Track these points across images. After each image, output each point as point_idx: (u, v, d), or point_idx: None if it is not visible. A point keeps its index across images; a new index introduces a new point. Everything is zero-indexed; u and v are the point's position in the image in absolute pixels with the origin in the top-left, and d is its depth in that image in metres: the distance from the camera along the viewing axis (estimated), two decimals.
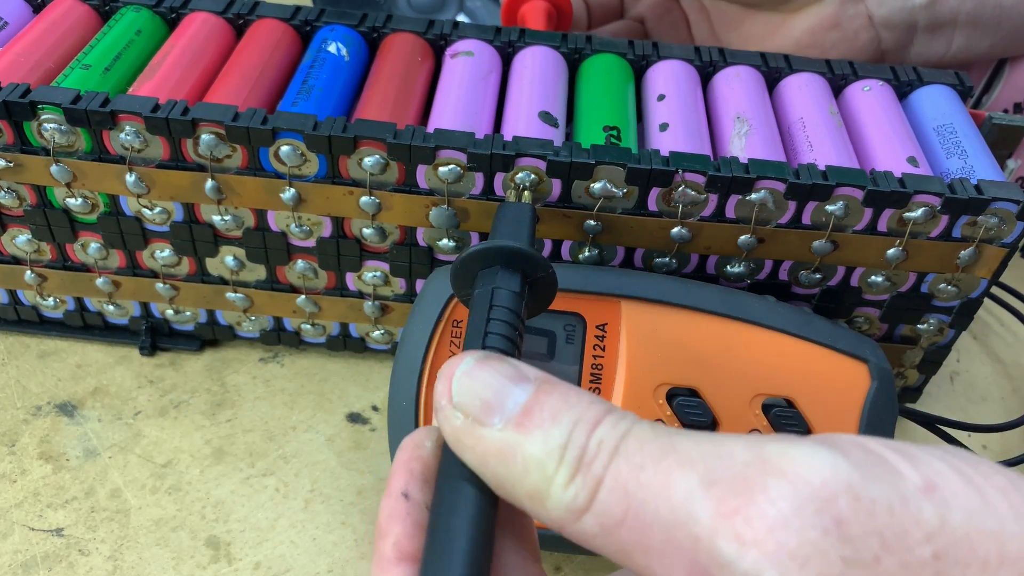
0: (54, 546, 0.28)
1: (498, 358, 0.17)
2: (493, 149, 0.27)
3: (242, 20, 0.33)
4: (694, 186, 0.27)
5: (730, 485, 0.14)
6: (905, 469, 0.15)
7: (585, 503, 0.15)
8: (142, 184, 0.29)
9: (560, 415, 0.16)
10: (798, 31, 0.37)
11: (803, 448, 0.15)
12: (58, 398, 0.32)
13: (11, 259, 0.32)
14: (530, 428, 0.16)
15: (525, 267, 0.21)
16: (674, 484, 0.15)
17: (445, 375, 0.17)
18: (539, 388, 0.17)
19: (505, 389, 0.17)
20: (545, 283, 0.22)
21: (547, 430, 0.16)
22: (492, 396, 0.17)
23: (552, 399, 0.16)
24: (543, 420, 0.16)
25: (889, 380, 0.27)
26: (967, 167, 0.29)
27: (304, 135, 0.27)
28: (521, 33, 0.33)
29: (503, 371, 0.17)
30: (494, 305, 0.20)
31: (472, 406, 0.17)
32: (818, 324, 0.27)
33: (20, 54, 0.30)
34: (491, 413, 0.16)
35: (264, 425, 0.32)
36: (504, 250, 0.21)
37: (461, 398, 0.17)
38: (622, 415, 0.16)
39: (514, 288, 0.21)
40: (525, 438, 0.16)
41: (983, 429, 0.31)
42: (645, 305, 0.27)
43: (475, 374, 0.17)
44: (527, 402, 0.16)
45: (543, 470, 0.16)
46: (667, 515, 0.15)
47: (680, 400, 0.26)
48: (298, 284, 0.32)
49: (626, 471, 0.15)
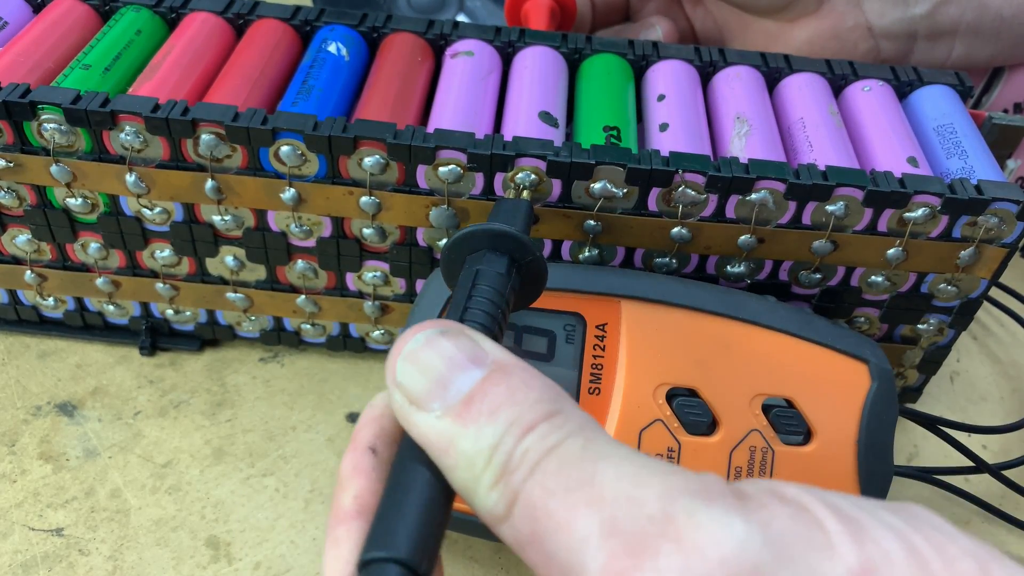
0: (54, 546, 0.28)
1: (456, 335, 0.16)
2: (493, 149, 0.27)
3: (242, 20, 0.33)
4: (694, 186, 0.27)
5: (627, 540, 0.13)
6: (842, 546, 0.13)
7: (504, 513, 0.15)
8: (142, 184, 0.29)
9: (499, 412, 0.15)
10: (798, 41, 0.37)
11: (713, 513, 0.13)
12: (58, 398, 0.32)
13: (11, 259, 0.32)
14: (467, 421, 0.15)
15: (512, 250, 0.21)
16: (576, 523, 0.14)
17: (394, 350, 0.17)
18: (488, 376, 0.16)
19: (451, 373, 0.16)
20: (534, 269, 0.21)
21: (482, 427, 0.15)
22: (434, 380, 0.16)
23: (497, 391, 0.15)
24: (480, 415, 0.15)
25: (889, 380, 0.27)
26: (967, 167, 0.29)
27: (304, 135, 0.27)
28: (521, 33, 0.33)
29: (455, 351, 0.16)
30: (477, 283, 0.20)
31: (413, 389, 0.16)
32: (818, 324, 0.27)
33: (20, 54, 0.30)
34: (431, 398, 0.16)
35: (264, 425, 0.32)
36: (490, 232, 0.21)
37: (403, 378, 0.16)
38: (559, 424, 0.15)
39: (499, 269, 0.20)
40: (460, 431, 0.15)
41: (983, 431, 0.31)
42: (645, 305, 0.27)
43: (421, 354, 0.16)
44: (470, 391, 0.16)
45: (472, 468, 0.15)
46: (564, 555, 0.14)
47: (680, 400, 0.26)
48: (298, 284, 0.32)
49: (538, 494, 0.14)
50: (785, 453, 0.26)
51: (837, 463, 0.27)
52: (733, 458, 0.26)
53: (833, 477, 0.27)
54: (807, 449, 0.26)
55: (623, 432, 0.26)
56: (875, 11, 0.35)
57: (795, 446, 0.26)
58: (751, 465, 0.26)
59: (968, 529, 0.31)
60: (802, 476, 0.26)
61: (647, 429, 0.26)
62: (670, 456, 0.26)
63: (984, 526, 0.31)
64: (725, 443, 0.26)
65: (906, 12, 0.35)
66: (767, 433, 0.26)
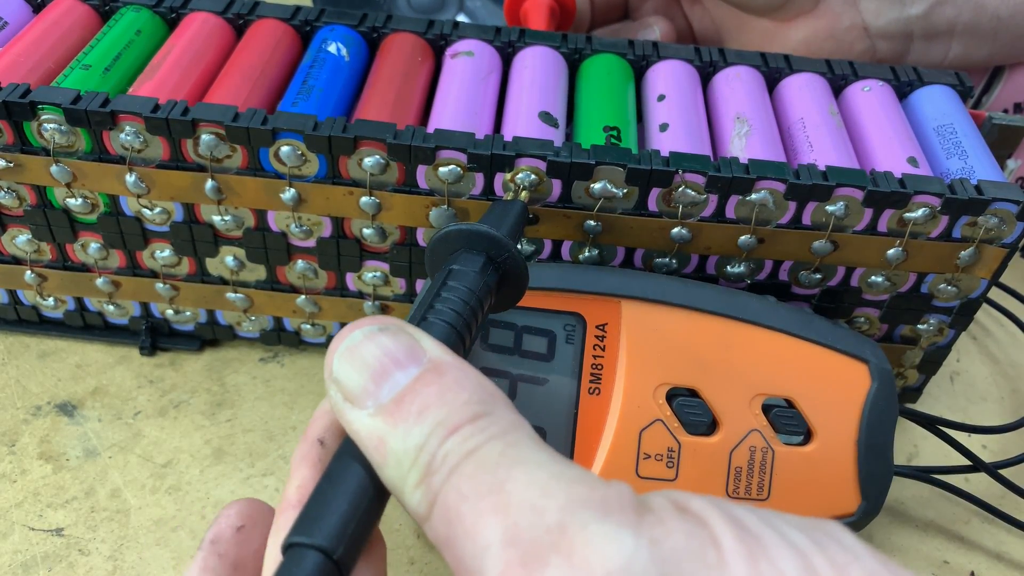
0: (54, 546, 0.28)
1: (394, 331, 0.17)
2: (493, 149, 0.27)
3: (242, 20, 0.33)
4: (694, 186, 0.27)
5: (524, 550, 0.13)
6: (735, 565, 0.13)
7: (425, 513, 0.15)
8: (142, 184, 0.29)
9: (427, 412, 0.15)
10: (794, 41, 0.37)
11: (606, 527, 0.13)
12: (58, 398, 0.32)
13: (11, 259, 0.32)
14: (397, 420, 0.15)
15: (488, 248, 0.21)
16: (482, 530, 0.14)
17: (332, 346, 0.17)
18: (421, 375, 0.16)
19: (386, 370, 0.16)
20: (512, 267, 0.21)
21: (410, 427, 0.15)
22: (369, 378, 0.16)
23: (429, 391, 0.16)
24: (410, 414, 0.15)
25: (889, 380, 0.27)
26: (967, 167, 0.29)
27: (304, 135, 0.27)
28: (521, 33, 0.33)
29: (392, 347, 0.16)
30: (447, 282, 0.20)
31: (348, 385, 0.16)
32: (818, 324, 0.27)
33: (20, 54, 0.30)
34: (365, 395, 0.16)
35: (264, 425, 0.32)
36: (465, 231, 0.21)
37: (339, 375, 0.16)
38: (482, 427, 0.15)
39: (473, 268, 0.20)
40: (391, 430, 0.15)
41: (983, 431, 0.31)
42: (645, 305, 0.27)
43: (358, 351, 0.16)
44: (402, 390, 0.16)
45: (399, 467, 0.15)
46: (469, 560, 0.14)
47: (680, 400, 0.26)
48: (298, 284, 0.32)
49: (453, 498, 0.14)
50: (785, 453, 0.26)
51: (837, 463, 0.27)
52: (733, 458, 0.26)
53: (833, 477, 0.27)
54: (807, 449, 0.26)
55: (623, 432, 0.26)
56: (871, 11, 0.35)
57: (795, 446, 0.27)
58: (751, 465, 0.26)
59: (968, 529, 0.31)
60: (802, 476, 0.26)
61: (647, 429, 0.26)
62: (670, 456, 0.26)
63: (984, 526, 0.31)
64: (725, 443, 0.26)
65: (902, 12, 0.35)
66: (767, 433, 0.26)
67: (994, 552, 0.31)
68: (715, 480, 0.26)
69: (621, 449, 0.26)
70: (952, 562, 0.30)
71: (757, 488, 0.26)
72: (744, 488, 0.26)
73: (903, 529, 0.31)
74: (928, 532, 0.31)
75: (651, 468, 0.26)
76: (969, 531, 0.31)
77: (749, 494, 0.26)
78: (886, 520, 0.31)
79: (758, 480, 0.26)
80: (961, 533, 0.31)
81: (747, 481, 0.26)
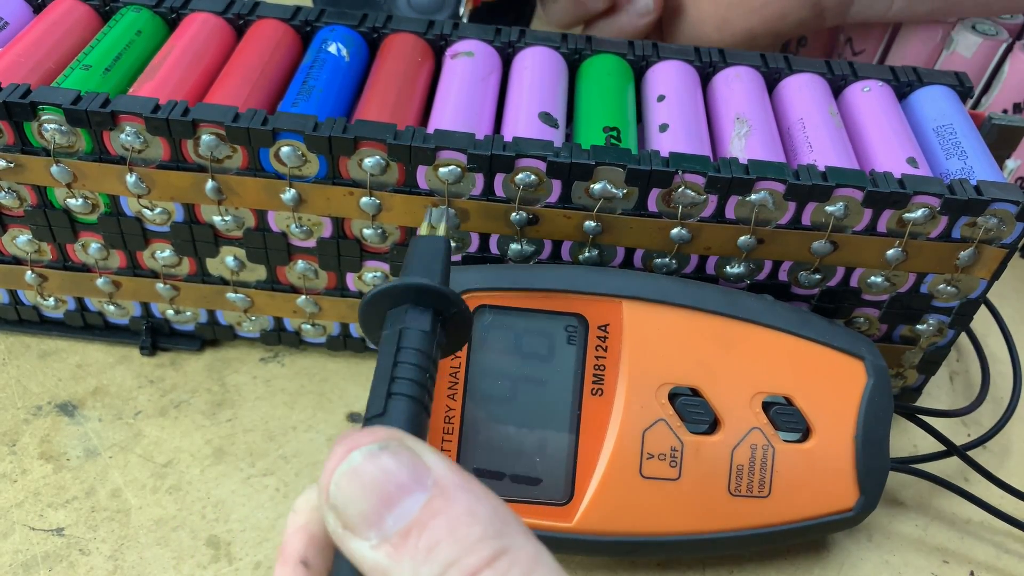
0: (54, 546, 0.28)
1: (395, 449, 0.15)
2: (493, 150, 0.27)
3: (242, 20, 0.33)
4: (694, 187, 0.27)
5: None
6: None
7: None
8: (142, 184, 0.29)
9: (438, 549, 0.14)
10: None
11: None
12: (58, 398, 0.32)
13: (12, 259, 0.32)
14: (402, 555, 0.14)
15: (437, 304, 0.20)
16: None
17: (329, 466, 0.15)
18: (428, 503, 0.15)
19: (389, 498, 0.15)
20: (459, 320, 0.21)
21: (418, 565, 0.14)
22: (372, 506, 0.15)
23: (437, 523, 0.14)
24: (418, 551, 0.14)
25: (885, 376, 0.27)
26: (967, 168, 0.29)
27: (304, 136, 0.27)
28: (521, 33, 0.33)
29: (396, 469, 0.15)
30: (401, 347, 0.19)
31: (348, 513, 0.15)
32: (815, 322, 0.27)
33: (20, 54, 0.30)
34: (368, 525, 0.15)
35: (264, 425, 0.32)
36: (412, 287, 0.20)
37: (337, 500, 0.15)
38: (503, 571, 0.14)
39: (424, 327, 0.19)
40: (395, 566, 0.14)
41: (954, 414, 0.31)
42: (647, 305, 0.27)
43: (359, 475, 0.15)
44: (409, 522, 0.14)
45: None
46: None
47: (682, 400, 0.26)
48: (298, 284, 0.32)
49: None
50: (785, 450, 0.26)
51: (835, 459, 0.27)
52: (735, 456, 0.26)
53: (832, 472, 0.27)
54: (806, 446, 0.27)
55: (626, 432, 0.26)
56: None
57: (795, 443, 0.27)
58: (752, 463, 0.26)
59: (968, 528, 0.31)
60: (802, 472, 0.27)
61: (650, 429, 0.26)
62: (673, 456, 0.26)
63: (984, 525, 0.31)
64: (727, 441, 0.26)
65: None
66: (767, 431, 0.26)
67: (994, 552, 0.31)
68: (717, 479, 0.26)
69: (624, 450, 0.26)
70: (952, 561, 0.30)
71: (759, 486, 0.26)
72: (746, 486, 0.26)
73: (903, 529, 0.31)
74: (928, 531, 0.31)
75: (655, 468, 0.26)
76: (970, 530, 0.31)
77: (751, 492, 0.26)
78: (886, 520, 0.31)
79: (759, 478, 0.26)
80: (962, 532, 0.31)
81: (748, 479, 0.26)
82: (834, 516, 0.27)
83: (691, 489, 0.26)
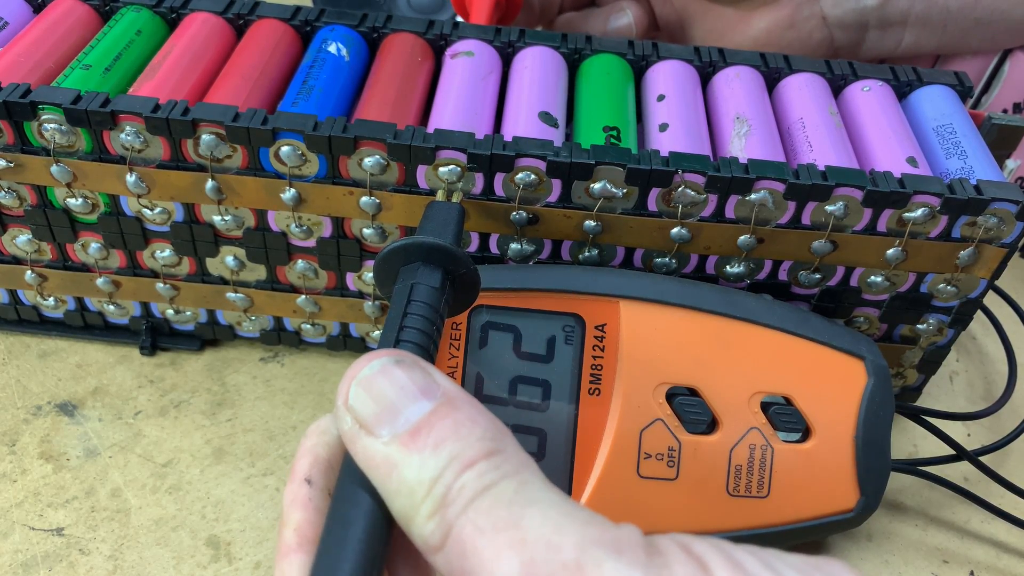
0: (54, 546, 0.28)
1: (409, 364, 0.17)
2: (493, 149, 0.27)
3: (242, 20, 0.33)
4: (694, 186, 0.27)
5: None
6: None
7: (438, 543, 0.15)
8: (142, 184, 0.29)
9: (443, 445, 0.16)
10: (755, 30, 0.38)
11: (619, 566, 0.14)
12: (58, 398, 0.32)
13: (11, 259, 0.32)
14: (412, 450, 0.16)
15: (446, 263, 0.21)
16: (499, 562, 0.14)
17: (348, 375, 0.17)
18: (436, 409, 0.16)
19: (401, 402, 0.16)
20: (467, 280, 0.22)
21: (425, 458, 0.16)
22: (385, 408, 0.16)
23: (444, 424, 0.16)
24: (425, 446, 0.16)
25: (885, 376, 0.27)
26: (966, 167, 0.29)
27: (304, 135, 0.27)
28: (521, 33, 0.34)
29: (408, 381, 0.17)
30: (412, 300, 0.20)
31: (363, 413, 0.17)
32: (815, 322, 0.27)
33: (20, 54, 0.30)
34: (381, 424, 0.16)
35: (264, 425, 0.32)
36: (425, 246, 0.21)
37: (355, 403, 0.17)
38: (497, 464, 0.16)
39: (433, 284, 0.21)
40: (405, 459, 0.16)
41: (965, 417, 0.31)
42: (644, 305, 0.27)
43: (375, 381, 0.17)
44: (418, 422, 0.16)
45: (412, 496, 0.16)
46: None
47: (680, 400, 0.26)
48: (298, 284, 0.32)
49: (469, 530, 0.15)
50: (784, 450, 0.26)
51: (835, 459, 0.27)
52: (733, 456, 0.26)
53: (832, 473, 0.27)
54: (806, 446, 0.26)
55: (624, 432, 0.26)
56: (829, 2, 0.37)
57: (794, 443, 0.27)
58: (751, 463, 0.26)
59: (968, 528, 0.31)
60: (801, 473, 0.26)
61: (647, 429, 0.26)
62: (671, 455, 0.26)
63: (984, 525, 0.31)
64: (725, 441, 0.26)
65: (858, 3, 0.37)
66: (766, 431, 0.26)
67: (994, 552, 0.31)
68: (715, 478, 0.26)
69: (622, 449, 0.26)
70: (952, 561, 0.30)
71: (757, 486, 0.26)
72: (744, 486, 0.26)
73: (903, 528, 0.31)
74: (928, 531, 0.31)
75: (652, 468, 0.26)
76: (969, 529, 0.31)
77: (749, 492, 0.26)
78: (886, 520, 0.31)
79: (758, 478, 0.26)
80: (961, 532, 0.31)
81: (747, 479, 0.26)
82: (834, 517, 0.27)
83: (689, 489, 0.26)
